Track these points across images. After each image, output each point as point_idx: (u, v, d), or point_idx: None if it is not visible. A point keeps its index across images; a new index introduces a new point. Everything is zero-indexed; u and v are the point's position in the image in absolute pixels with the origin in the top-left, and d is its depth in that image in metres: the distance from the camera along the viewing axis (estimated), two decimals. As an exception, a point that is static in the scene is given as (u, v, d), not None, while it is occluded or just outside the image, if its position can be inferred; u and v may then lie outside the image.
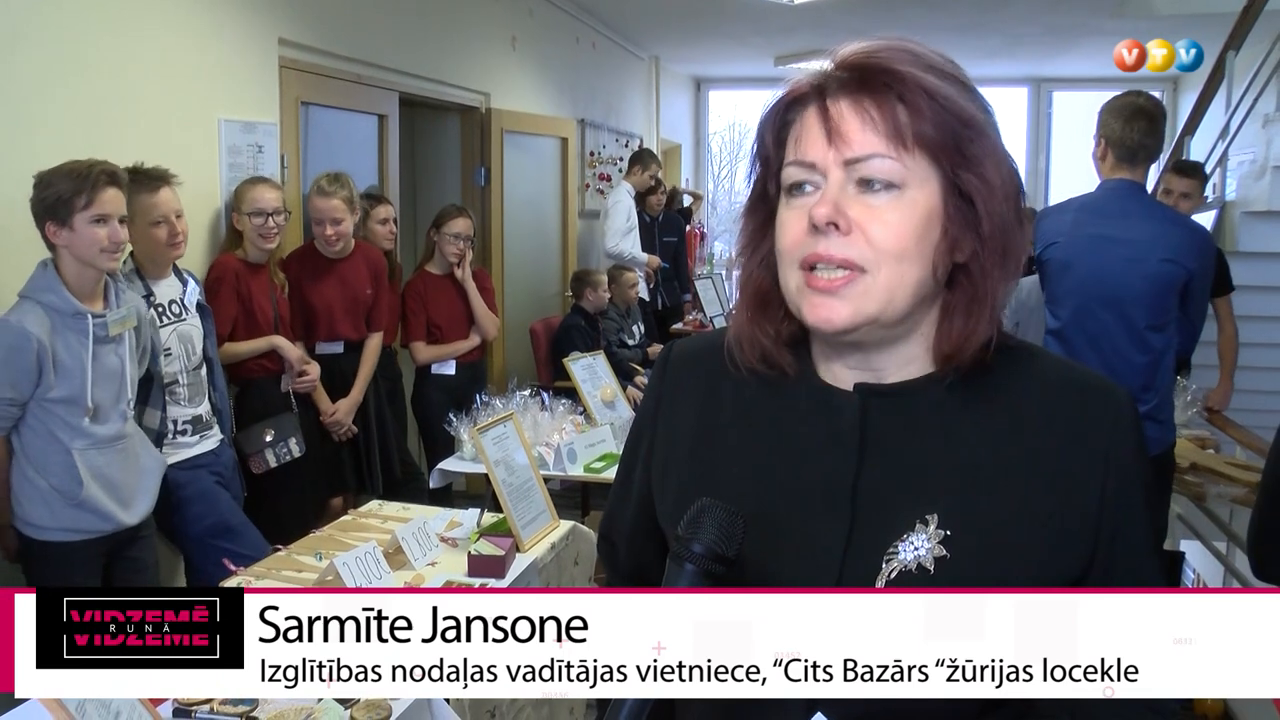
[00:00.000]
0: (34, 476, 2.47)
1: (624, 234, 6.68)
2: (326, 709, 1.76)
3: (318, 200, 3.65)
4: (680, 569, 0.84)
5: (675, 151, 10.70)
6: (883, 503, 0.92)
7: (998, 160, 0.89)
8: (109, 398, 2.53)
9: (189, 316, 2.93)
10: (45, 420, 2.45)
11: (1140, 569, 0.95)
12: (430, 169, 5.74)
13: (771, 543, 0.93)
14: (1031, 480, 0.91)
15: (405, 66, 4.72)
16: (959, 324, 0.91)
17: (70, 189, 2.39)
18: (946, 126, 0.87)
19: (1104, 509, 0.92)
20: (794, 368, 0.98)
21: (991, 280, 0.90)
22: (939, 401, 0.94)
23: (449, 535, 2.58)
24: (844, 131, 0.87)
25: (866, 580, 0.91)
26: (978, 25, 7.45)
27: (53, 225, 2.42)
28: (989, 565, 0.89)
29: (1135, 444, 0.94)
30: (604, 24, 7.61)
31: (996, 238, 0.89)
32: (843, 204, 0.87)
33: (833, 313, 0.88)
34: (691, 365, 1.07)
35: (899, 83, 0.87)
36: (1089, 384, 0.95)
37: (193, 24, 3.34)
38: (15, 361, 2.36)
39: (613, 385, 4.02)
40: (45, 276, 2.44)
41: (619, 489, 1.15)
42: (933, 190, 0.88)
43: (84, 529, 2.50)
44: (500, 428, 2.65)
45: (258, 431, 3.34)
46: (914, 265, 0.88)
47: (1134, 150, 2.90)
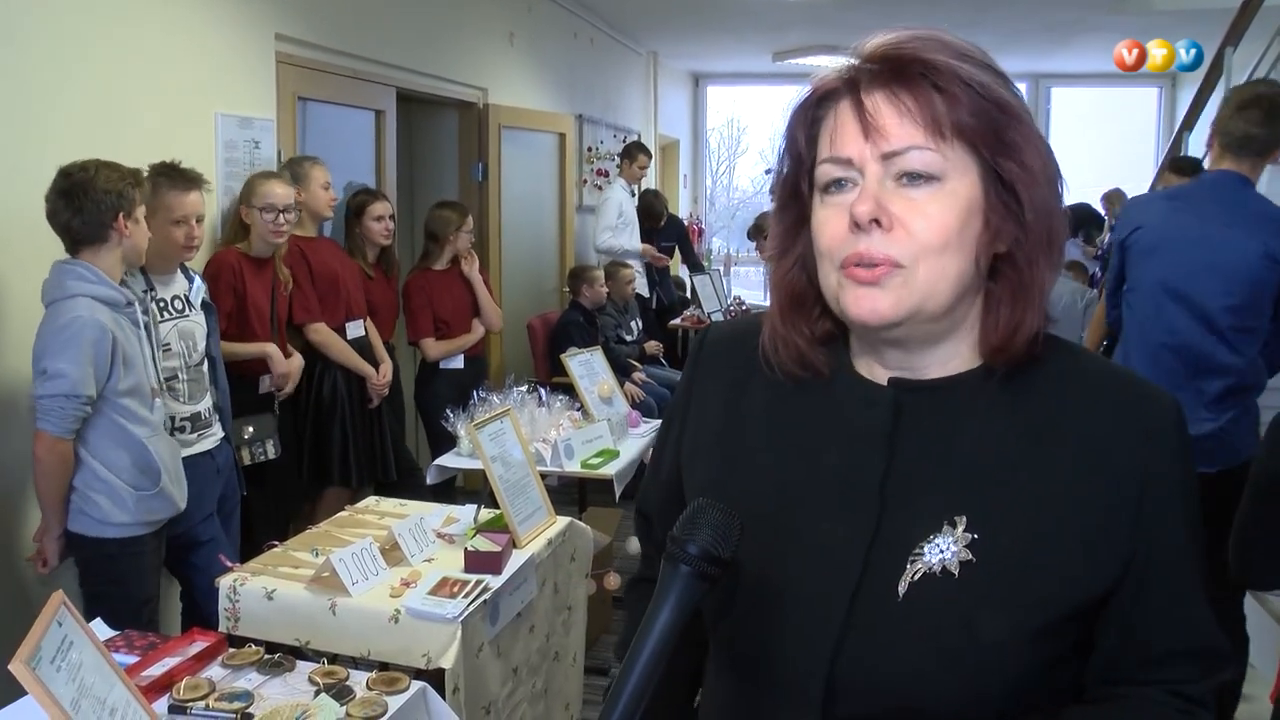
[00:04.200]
0: (105, 474, 2.50)
1: (614, 229, 6.72)
2: (321, 706, 1.76)
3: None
4: (675, 570, 0.83)
5: (673, 147, 10.69)
6: (911, 501, 0.89)
7: (1037, 145, 0.87)
8: (159, 383, 2.62)
9: (192, 313, 2.93)
10: (113, 414, 2.48)
11: (1181, 587, 0.90)
12: (428, 164, 5.73)
13: (795, 539, 0.92)
14: (1067, 488, 0.87)
15: (403, 62, 4.71)
16: (1005, 315, 0.88)
17: (129, 187, 2.48)
18: (984, 114, 0.85)
19: (1141, 521, 0.87)
20: (829, 366, 0.96)
21: (1038, 268, 0.88)
22: (977, 399, 0.91)
23: (446, 531, 2.58)
24: (880, 124, 0.85)
25: (889, 581, 0.88)
26: (976, 21, 7.44)
27: (123, 217, 2.47)
28: (1014, 573, 0.86)
29: (1178, 457, 0.89)
30: (602, 19, 7.60)
31: (1040, 224, 0.87)
32: (884, 200, 0.85)
33: (877, 303, 0.85)
34: (724, 354, 1.05)
35: (933, 71, 0.84)
36: (1132, 390, 0.91)
37: (190, 19, 3.34)
38: (99, 356, 2.40)
39: (610, 381, 4.01)
40: (87, 272, 2.45)
41: (654, 467, 1.14)
42: (973, 180, 0.86)
43: (155, 518, 2.59)
44: (497, 424, 2.65)
45: (238, 427, 3.33)
46: (955, 257, 0.85)
47: (1240, 140, 2.71)
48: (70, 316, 2.39)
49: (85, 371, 2.37)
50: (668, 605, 0.82)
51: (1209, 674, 0.93)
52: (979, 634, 0.86)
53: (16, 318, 2.67)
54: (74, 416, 2.40)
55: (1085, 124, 10.92)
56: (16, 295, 2.67)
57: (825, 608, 0.89)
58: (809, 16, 7.17)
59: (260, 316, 3.40)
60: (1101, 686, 0.94)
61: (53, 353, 2.37)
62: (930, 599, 0.87)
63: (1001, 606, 0.86)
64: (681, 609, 0.82)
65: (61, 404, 2.37)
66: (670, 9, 7.37)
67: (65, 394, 2.37)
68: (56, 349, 2.37)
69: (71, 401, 2.38)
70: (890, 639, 0.88)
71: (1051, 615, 0.87)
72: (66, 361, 2.36)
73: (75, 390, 2.37)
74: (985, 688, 0.87)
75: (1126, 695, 0.93)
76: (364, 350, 3.88)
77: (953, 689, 0.87)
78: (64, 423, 2.40)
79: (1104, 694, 0.94)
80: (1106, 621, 0.91)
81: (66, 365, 2.36)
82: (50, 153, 2.72)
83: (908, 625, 0.87)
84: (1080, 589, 0.87)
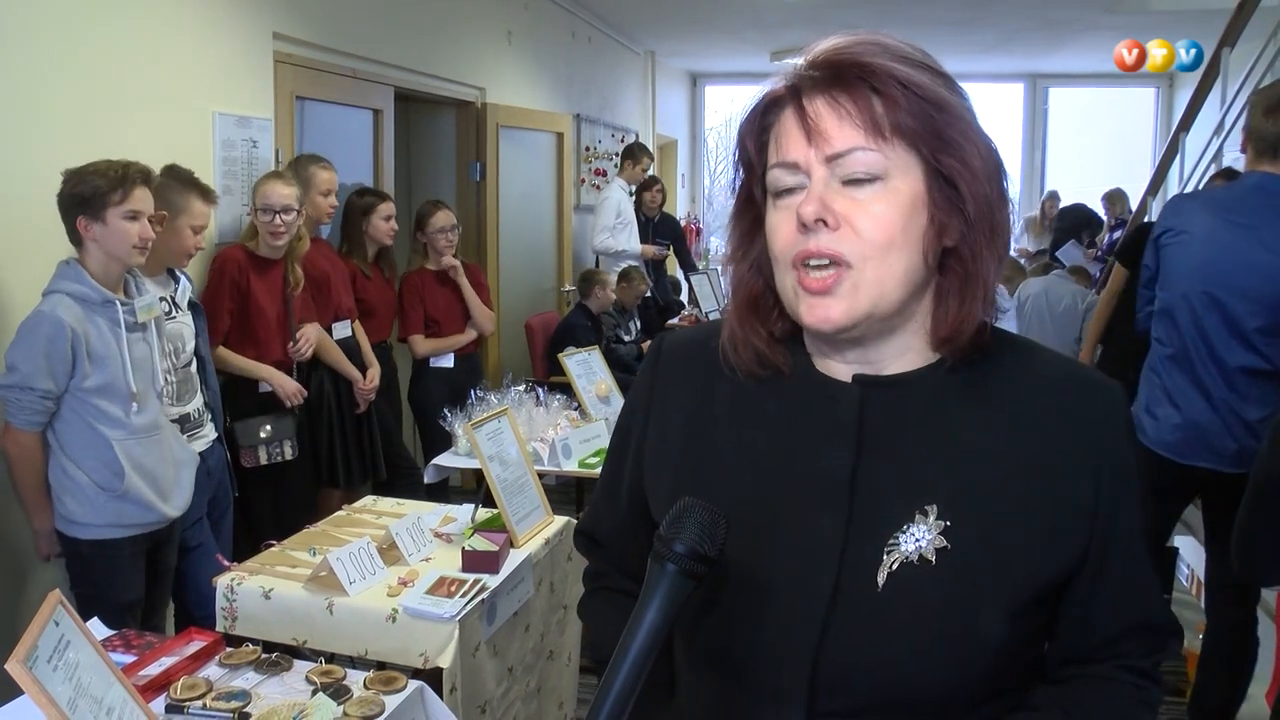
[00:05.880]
0: (74, 472, 2.49)
1: (612, 229, 6.72)
2: (318, 705, 1.75)
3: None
4: (662, 569, 0.84)
5: (671, 147, 10.69)
6: (882, 494, 0.92)
7: (977, 142, 0.90)
8: (144, 386, 2.57)
9: (179, 315, 2.92)
10: (83, 412, 2.47)
11: (1134, 565, 0.95)
12: (425, 164, 5.73)
13: (769, 538, 0.93)
14: (1029, 471, 0.91)
15: (400, 61, 4.71)
16: (954, 307, 0.92)
17: (106, 185, 2.45)
18: (922, 113, 0.88)
19: (1099, 502, 0.92)
20: (789, 365, 0.98)
21: (983, 261, 0.91)
22: (938, 392, 0.94)
23: (443, 531, 2.58)
24: (823, 129, 0.88)
25: (867, 573, 0.90)
26: (973, 20, 7.45)
27: (85, 219, 2.46)
28: (989, 555, 0.90)
29: (1127, 438, 0.95)
30: (600, 19, 7.60)
31: (983, 218, 0.90)
32: (829, 200, 0.88)
33: (829, 311, 0.89)
34: (684, 359, 1.07)
35: (871, 75, 0.88)
36: (1082, 378, 0.96)
37: (187, 18, 3.33)
38: (53, 352, 2.39)
39: (608, 380, 4.01)
40: (71, 270, 2.48)
41: (606, 487, 1.14)
42: (915, 178, 0.89)
43: (127, 523, 2.54)
44: (495, 423, 2.65)
45: (255, 425, 3.31)
46: (902, 254, 0.89)
47: (1274, 142, 2.72)
48: (34, 311, 2.43)
49: (36, 365, 2.38)
50: (654, 604, 0.83)
51: (1158, 649, 0.99)
52: (961, 618, 0.89)
53: (17, 315, 2.67)
54: (32, 409, 2.42)
55: (1083, 124, 10.94)
56: (12, 293, 2.67)
57: (806, 604, 0.91)
58: (806, 16, 7.18)
59: (263, 318, 3.38)
60: (1062, 666, 0.99)
61: (14, 346, 2.42)
62: (910, 587, 0.89)
63: (981, 589, 0.89)
64: (669, 608, 0.83)
65: (18, 395, 2.40)
66: (668, 8, 7.37)
67: (18, 385, 2.40)
68: (16, 342, 2.42)
69: (27, 394, 2.40)
70: (873, 630, 0.90)
71: (1026, 596, 0.90)
72: (19, 355, 2.40)
73: (26, 383, 2.39)
74: (968, 672, 0.89)
75: (1085, 674, 0.98)
76: (351, 352, 3.86)
77: (937, 675, 0.89)
78: (23, 415, 2.42)
79: (1064, 674, 0.99)
80: (1068, 602, 0.95)
81: (18, 358, 2.40)
82: (46, 151, 2.72)
83: (889, 615, 0.89)
84: (1050, 569, 0.91)
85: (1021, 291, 5.82)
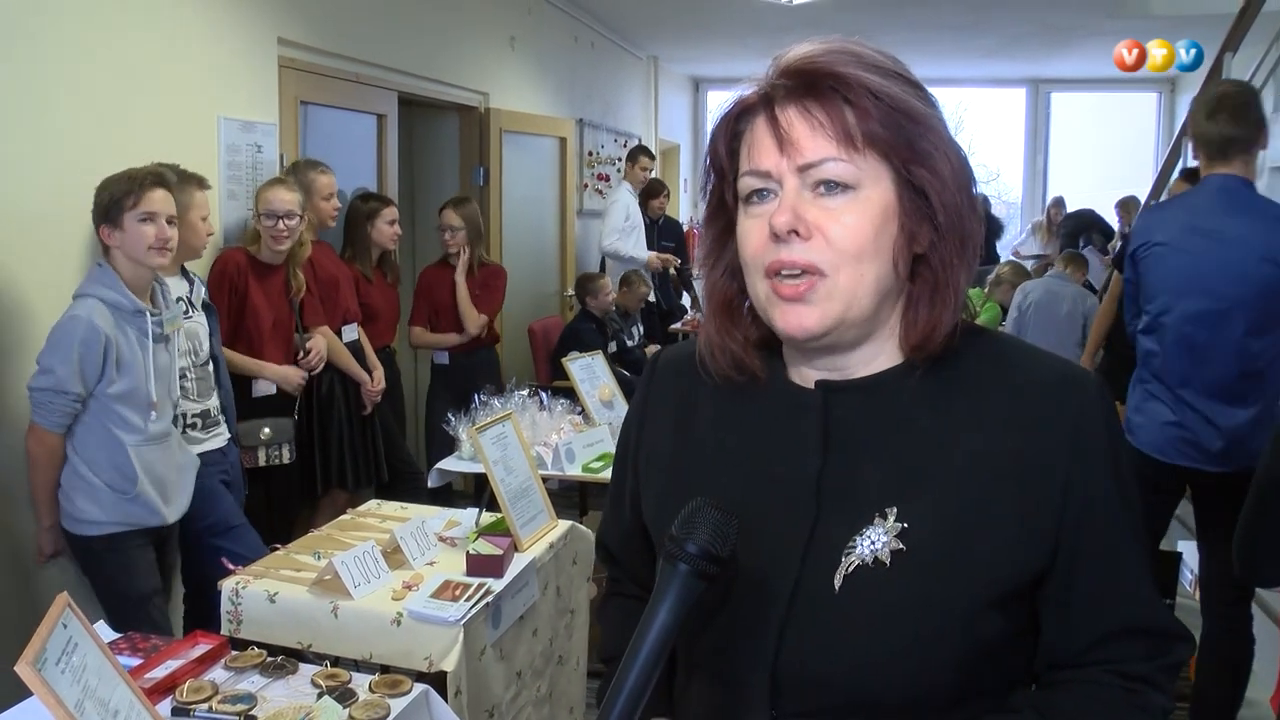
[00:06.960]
0: (87, 474, 2.54)
1: (621, 232, 6.69)
2: (324, 708, 1.76)
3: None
4: (674, 569, 0.84)
5: (674, 151, 10.70)
6: (846, 497, 0.93)
7: (947, 152, 0.90)
8: (163, 395, 2.62)
9: (195, 314, 2.97)
10: (103, 416, 2.52)
11: (1116, 563, 0.92)
12: (429, 168, 5.74)
13: (744, 542, 0.93)
14: (995, 471, 0.90)
15: (404, 66, 4.72)
16: (924, 314, 0.92)
17: (121, 190, 2.50)
18: (894, 124, 0.88)
19: (1068, 498, 0.90)
20: (764, 371, 1.00)
21: (952, 269, 0.92)
22: (903, 394, 0.94)
23: (447, 535, 2.58)
24: (794, 139, 0.89)
25: (825, 576, 0.91)
26: (975, 25, 7.45)
27: (106, 227, 2.52)
28: (944, 559, 0.89)
29: (1104, 432, 0.92)
30: (602, 24, 7.61)
31: (953, 227, 0.91)
32: (801, 209, 0.89)
33: (803, 319, 0.90)
34: (673, 374, 1.09)
35: (843, 85, 0.88)
36: (1056, 373, 0.94)
37: (192, 23, 3.34)
38: (86, 355, 2.44)
39: (611, 385, 4.01)
40: (105, 275, 2.52)
41: (612, 499, 1.17)
42: (886, 187, 0.89)
43: (134, 522, 2.59)
44: (499, 427, 2.65)
45: (255, 428, 3.33)
46: (873, 263, 0.89)
47: (1220, 144, 2.74)
48: (69, 315, 2.47)
49: (71, 369, 2.43)
50: (666, 604, 0.84)
51: (1155, 654, 0.94)
52: (913, 620, 0.88)
53: (27, 315, 2.68)
54: (62, 411, 2.46)
55: (1085, 129, 10.93)
56: (21, 294, 2.68)
57: (767, 606, 0.93)
58: (809, 21, 7.18)
59: (258, 322, 3.39)
60: (1048, 671, 0.97)
61: (48, 348, 2.46)
62: (864, 590, 0.90)
63: (933, 592, 0.89)
64: (680, 608, 0.84)
65: (50, 398, 2.45)
66: (670, 13, 7.38)
67: (52, 389, 2.44)
68: (51, 345, 2.46)
69: (60, 397, 2.44)
70: (829, 632, 0.90)
71: (985, 598, 0.89)
72: (55, 358, 2.44)
73: (61, 386, 2.44)
74: (929, 675, 0.89)
75: (1070, 679, 0.95)
76: (356, 356, 3.90)
77: (896, 678, 0.89)
78: (52, 416, 2.46)
79: (1050, 679, 0.97)
80: (1045, 604, 0.93)
81: (55, 362, 2.44)
82: (53, 156, 2.73)
83: (845, 618, 0.90)
84: (1013, 570, 0.90)
85: (1021, 293, 5.82)
